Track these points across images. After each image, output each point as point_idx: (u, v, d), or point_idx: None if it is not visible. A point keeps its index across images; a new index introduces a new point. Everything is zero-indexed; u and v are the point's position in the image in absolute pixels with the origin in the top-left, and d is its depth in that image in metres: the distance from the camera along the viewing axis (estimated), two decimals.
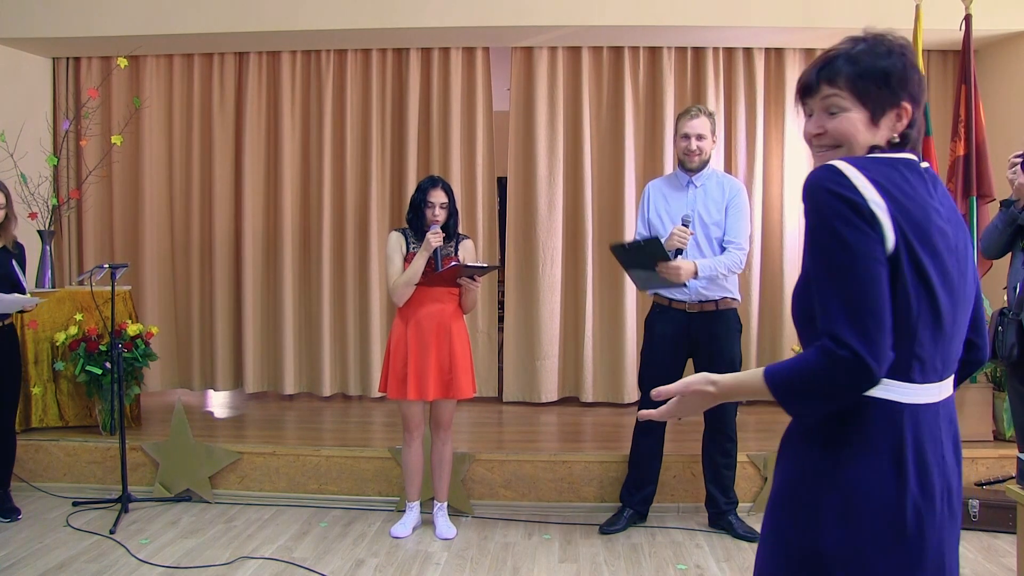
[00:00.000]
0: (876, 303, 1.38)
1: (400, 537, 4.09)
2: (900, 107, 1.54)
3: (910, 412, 1.45)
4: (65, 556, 3.84)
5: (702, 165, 4.04)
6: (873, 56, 1.59)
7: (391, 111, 6.04)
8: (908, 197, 1.46)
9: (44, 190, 5.51)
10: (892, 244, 1.42)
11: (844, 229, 1.42)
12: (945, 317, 1.47)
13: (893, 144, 1.55)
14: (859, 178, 1.44)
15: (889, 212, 1.42)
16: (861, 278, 1.39)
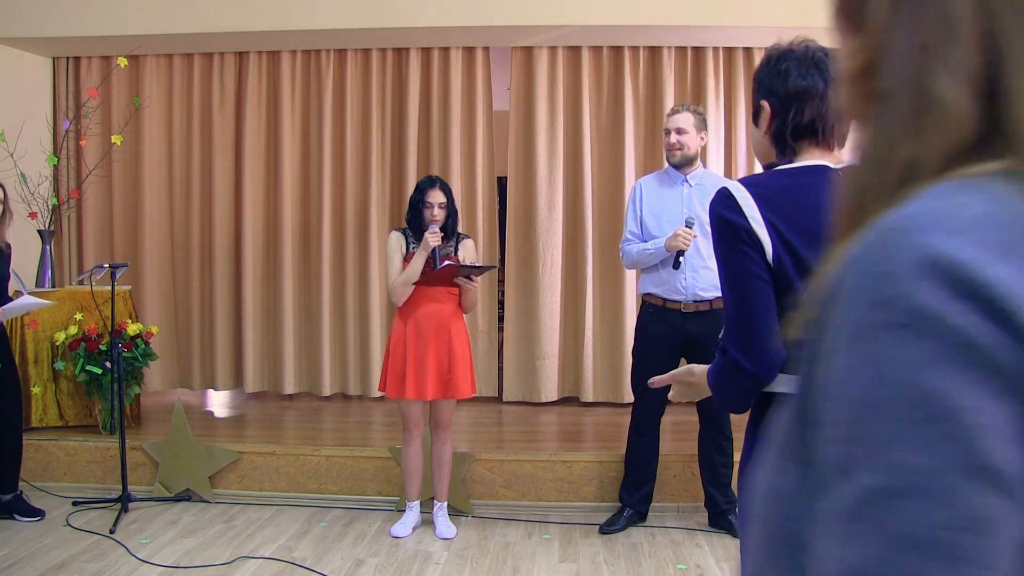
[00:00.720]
0: (747, 310, 1.58)
1: (400, 537, 4.09)
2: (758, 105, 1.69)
3: None
4: (65, 556, 3.84)
5: (685, 160, 4.02)
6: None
7: (391, 111, 6.04)
8: (798, 206, 1.56)
9: (44, 190, 5.51)
10: (772, 255, 1.56)
11: (726, 251, 1.59)
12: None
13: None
14: (745, 197, 1.58)
15: (767, 226, 1.55)
16: (739, 294, 1.59)
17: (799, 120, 1.63)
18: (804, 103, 1.62)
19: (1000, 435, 0.46)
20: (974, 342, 0.47)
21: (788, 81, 1.63)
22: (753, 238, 1.56)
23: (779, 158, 1.69)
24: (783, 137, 1.65)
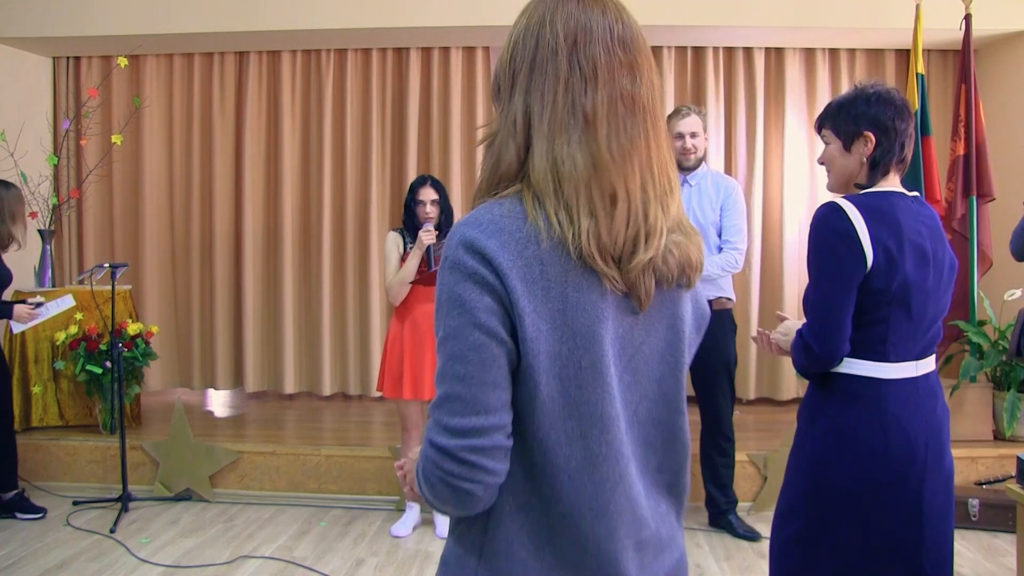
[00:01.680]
0: (832, 307, 1.96)
1: (400, 536, 4.09)
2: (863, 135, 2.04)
3: (888, 383, 1.99)
4: (65, 555, 3.84)
5: (697, 163, 4.04)
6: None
7: (391, 110, 6.04)
8: (890, 222, 1.95)
9: (44, 189, 5.51)
10: (872, 261, 1.93)
11: (831, 257, 1.97)
12: (916, 313, 1.99)
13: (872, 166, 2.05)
14: (853, 211, 1.95)
15: (871, 236, 1.92)
16: (828, 292, 1.97)
17: (898, 154, 2.03)
18: (904, 139, 2.03)
19: (485, 310, 1.01)
20: (474, 271, 1.02)
21: (894, 120, 2.00)
22: (856, 246, 1.92)
23: (868, 181, 2.05)
24: (882, 165, 2.03)
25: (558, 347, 1.03)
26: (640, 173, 1.08)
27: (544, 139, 1.06)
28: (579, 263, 1.04)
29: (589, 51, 1.09)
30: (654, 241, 1.07)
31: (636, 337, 1.10)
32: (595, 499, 1.06)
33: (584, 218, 1.03)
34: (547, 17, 1.11)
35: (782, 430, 4.74)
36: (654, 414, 1.14)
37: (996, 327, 4.80)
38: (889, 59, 5.90)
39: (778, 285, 5.87)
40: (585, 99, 1.07)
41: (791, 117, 5.86)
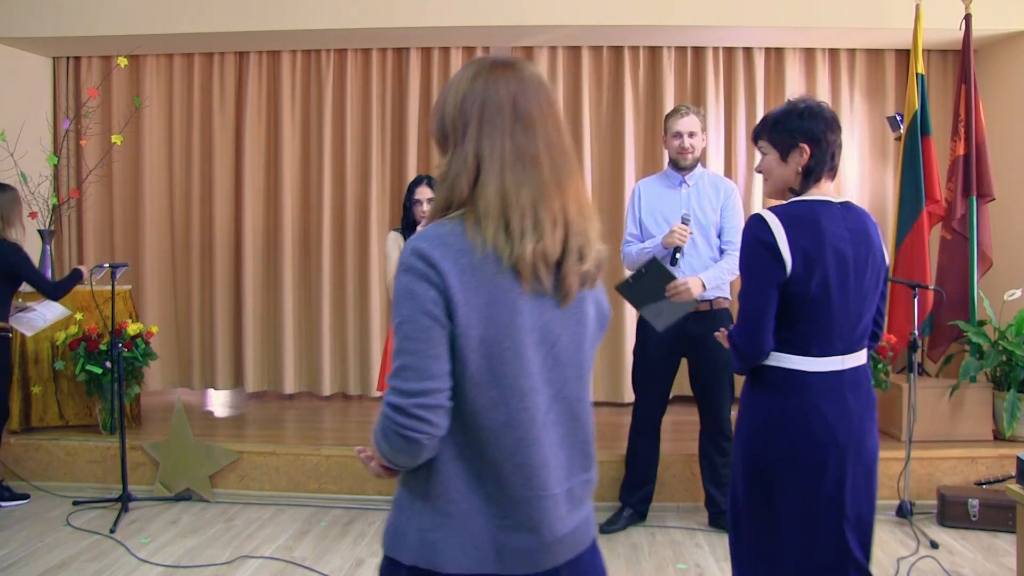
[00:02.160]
0: (757, 310, 2.17)
1: None
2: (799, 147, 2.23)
3: (812, 375, 2.18)
4: (65, 555, 3.84)
5: (694, 163, 4.04)
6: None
7: (391, 110, 6.04)
8: (811, 229, 2.15)
9: (44, 189, 5.51)
10: (791, 266, 2.13)
11: (754, 264, 2.18)
12: (837, 312, 2.18)
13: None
14: (775, 222, 2.16)
15: (790, 244, 2.13)
16: (751, 295, 2.18)
17: (829, 162, 2.23)
18: (835, 150, 2.22)
19: (431, 301, 1.29)
20: (423, 273, 1.30)
21: (826, 133, 2.20)
22: (776, 255, 2.13)
23: (801, 188, 2.24)
24: (815, 173, 2.22)
25: (484, 332, 1.32)
26: (573, 205, 1.40)
27: (495, 176, 1.36)
28: (507, 269, 1.34)
29: (526, 108, 1.39)
30: (589, 253, 1.42)
31: (556, 329, 1.40)
32: (514, 454, 1.36)
33: (529, 237, 1.34)
34: (490, 82, 1.40)
35: None
36: (576, 392, 1.45)
37: (996, 327, 4.81)
38: (889, 59, 5.90)
39: None
40: (527, 144, 1.38)
41: None
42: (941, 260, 5.03)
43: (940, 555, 3.88)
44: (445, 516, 1.36)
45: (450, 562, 1.35)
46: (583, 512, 1.48)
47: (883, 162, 5.91)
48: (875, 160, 5.93)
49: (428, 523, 1.37)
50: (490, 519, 1.37)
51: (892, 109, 5.75)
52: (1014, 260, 5.28)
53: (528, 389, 1.36)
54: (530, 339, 1.36)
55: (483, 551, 1.36)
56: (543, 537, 1.39)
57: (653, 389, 4.12)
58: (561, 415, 1.42)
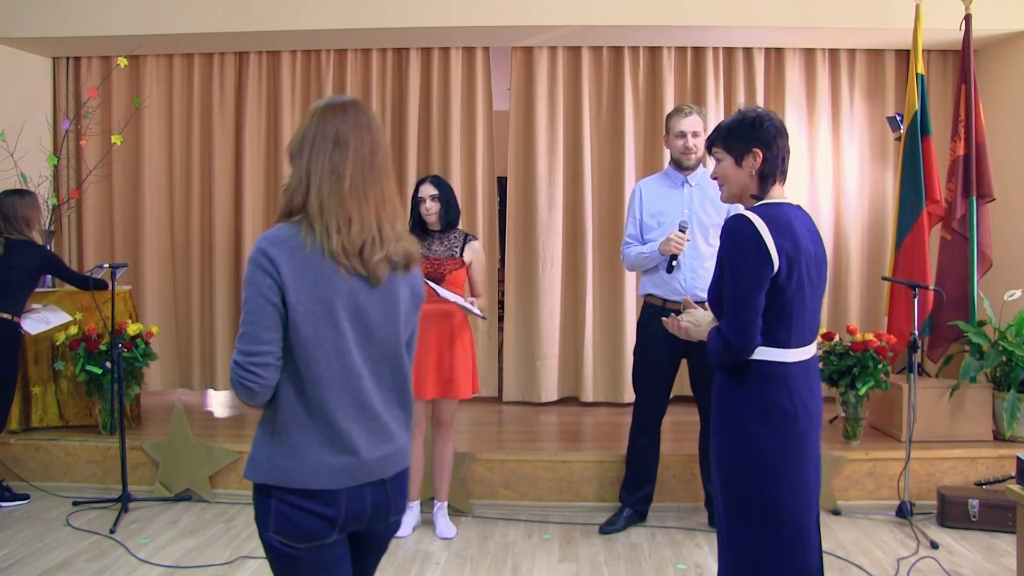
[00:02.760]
0: (748, 307, 2.28)
1: (400, 536, 4.09)
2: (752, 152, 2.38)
3: (792, 365, 2.35)
4: (65, 556, 3.84)
5: (697, 163, 4.04)
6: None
7: (391, 111, 6.04)
8: (787, 230, 2.30)
9: (44, 190, 5.52)
10: (777, 266, 2.26)
11: (745, 263, 2.28)
12: (809, 306, 2.36)
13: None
14: (759, 223, 2.27)
15: (776, 244, 2.26)
16: (743, 294, 2.29)
17: (781, 166, 2.39)
18: (784, 154, 2.39)
19: (267, 287, 1.74)
20: (262, 265, 1.74)
21: (778, 136, 2.37)
22: (765, 254, 2.25)
23: (759, 192, 2.38)
24: (770, 177, 2.37)
25: (310, 307, 1.77)
26: (374, 206, 1.83)
27: (316, 189, 1.80)
28: (328, 259, 1.78)
29: (344, 136, 1.84)
30: (387, 245, 1.83)
31: (368, 305, 1.84)
32: (336, 397, 1.81)
33: (334, 232, 1.78)
34: (322, 118, 1.86)
35: None
36: (386, 355, 1.90)
37: (996, 327, 4.81)
38: (889, 59, 5.90)
39: None
40: (340, 164, 1.82)
41: (791, 117, 5.85)
42: (941, 260, 5.03)
43: (940, 555, 3.88)
44: (288, 446, 1.80)
45: (294, 479, 1.80)
46: (399, 442, 1.94)
47: (883, 162, 5.91)
48: (875, 160, 5.93)
49: (275, 452, 1.81)
50: (321, 446, 1.81)
51: (892, 109, 5.75)
52: (1014, 260, 5.28)
53: (345, 350, 1.81)
54: (345, 312, 1.81)
55: (317, 470, 1.80)
56: (361, 458, 1.84)
57: (654, 389, 4.12)
58: (375, 369, 1.88)
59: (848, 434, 4.69)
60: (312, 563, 1.82)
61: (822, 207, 5.89)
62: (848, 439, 4.69)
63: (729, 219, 2.32)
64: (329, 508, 1.81)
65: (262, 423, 1.85)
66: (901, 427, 4.67)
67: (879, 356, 4.56)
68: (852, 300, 5.89)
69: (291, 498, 1.79)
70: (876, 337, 4.61)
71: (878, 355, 4.56)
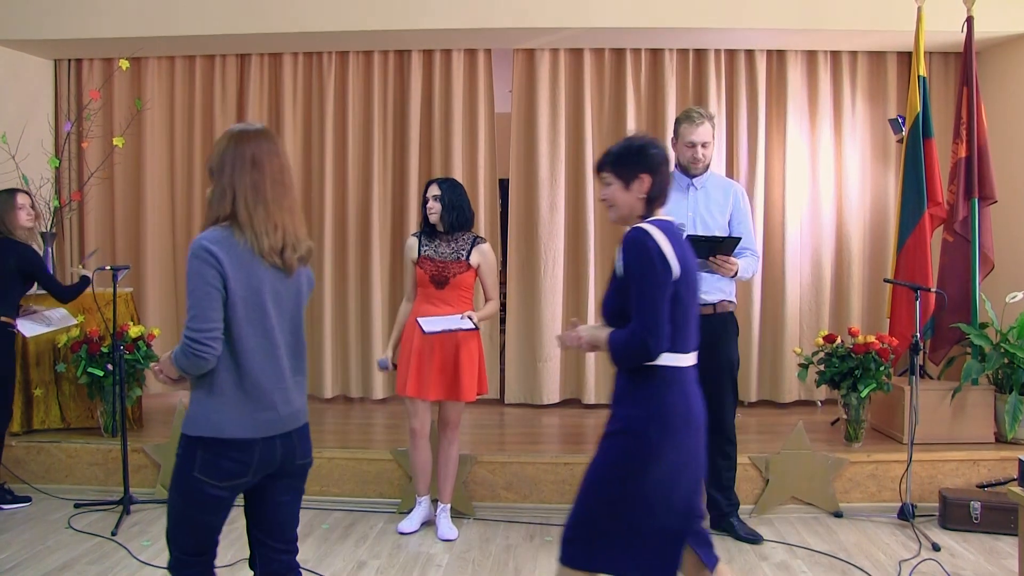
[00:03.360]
0: (660, 311, 2.40)
1: (408, 532, 4.15)
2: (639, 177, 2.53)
3: (685, 369, 2.52)
4: (67, 558, 3.84)
5: (704, 170, 4.05)
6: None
7: (393, 113, 6.05)
8: (679, 243, 2.47)
9: (46, 192, 5.52)
10: (676, 273, 2.42)
11: (652, 270, 2.42)
12: (693, 313, 2.53)
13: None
14: (660, 235, 2.43)
15: (676, 255, 2.42)
16: (655, 300, 2.41)
17: (665, 189, 2.56)
18: (666, 180, 2.56)
19: (211, 276, 2.18)
20: (205, 259, 2.18)
21: (663, 163, 2.54)
22: (666, 262, 2.41)
23: (646, 213, 2.54)
24: (656, 200, 2.54)
25: (243, 295, 2.22)
26: (288, 215, 2.29)
27: (242, 202, 2.23)
28: (257, 256, 2.23)
29: (259, 159, 2.27)
30: (301, 246, 2.32)
31: (283, 291, 2.32)
32: (263, 365, 2.27)
33: (263, 236, 2.23)
34: (241, 142, 2.27)
35: (784, 432, 4.74)
36: (294, 330, 2.37)
37: (998, 330, 4.80)
38: (891, 61, 5.90)
39: (779, 287, 5.86)
40: (259, 181, 2.25)
41: (793, 120, 5.86)
42: (943, 262, 5.02)
43: (942, 557, 3.88)
44: (223, 405, 2.23)
45: (227, 430, 2.23)
46: (301, 400, 2.42)
47: (885, 164, 5.91)
48: (877, 162, 5.93)
49: (212, 408, 2.24)
50: (248, 402, 2.25)
51: (894, 111, 5.75)
52: (1016, 262, 5.28)
53: (269, 327, 2.28)
54: (270, 297, 2.27)
55: (246, 423, 2.25)
56: (280, 412, 2.31)
57: None
58: (288, 342, 2.34)
59: (850, 436, 4.69)
60: (216, 498, 2.28)
61: (824, 209, 5.89)
62: (850, 441, 4.69)
63: (630, 231, 2.47)
64: (247, 455, 2.25)
65: (199, 388, 2.25)
66: (903, 429, 4.67)
67: (881, 358, 4.56)
68: (854, 302, 5.89)
69: (217, 447, 2.23)
70: (878, 339, 4.61)
71: (880, 357, 4.56)
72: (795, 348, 5.32)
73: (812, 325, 5.86)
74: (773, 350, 5.91)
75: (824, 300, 5.91)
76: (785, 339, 5.84)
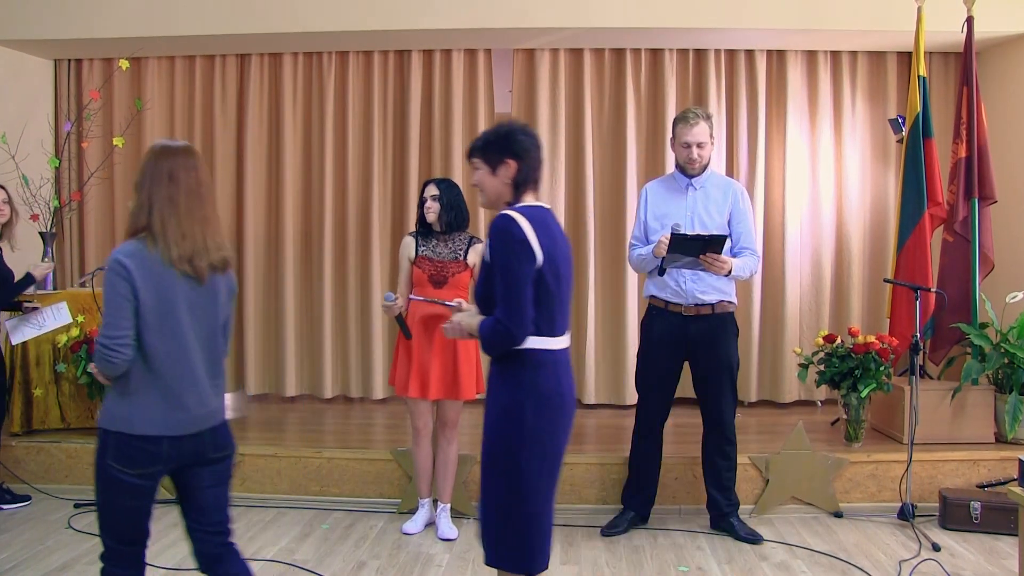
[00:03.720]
0: (522, 297, 2.45)
1: (411, 533, 4.16)
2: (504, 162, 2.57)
3: (556, 352, 2.57)
4: (67, 558, 3.84)
5: (703, 169, 4.05)
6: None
7: (393, 113, 6.04)
8: (546, 229, 2.52)
9: (46, 192, 5.51)
10: (540, 260, 2.47)
11: (514, 257, 2.45)
12: (564, 298, 2.59)
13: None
14: (524, 222, 2.47)
15: (540, 242, 2.48)
16: (517, 286, 2.45)
17: (533, 175, 2.60)
18: (536, 164, 2.60)
19: (123, 289, 2.33)
20: (119, 271, 2.33)
21: (532, 148, 2.59)
22: (529, 249, 2.46)
23: (514, 199, 2.58)
24: (523, 185, 2.58)
25: (154, 303, 2.35)
26: (199, 225, 2.44)
27: (157, 213, 2.38)
28: (168, 265, 2.36)
29: (175, 173, 2.42)
30: (210, 254, 2.44)
31: (198, 299, 2.44)
32: (173, 367, 2.41)
33: (173, 246, 2.37)
34: (161, 159, 2.44)
35: (784, 432, 4.74)
36: (209, 335, 2.49)
37: (998, 330, 4.80)
38: (891, 61, 5.90)
39: (779, 287, 5.86)
40: (173, 194, 2.40)
41: (793, 120, 5.86)
42: (943, 262, 5.02)
43: (942, 557, 3.88)
44: (136, 404, 2.39)
45: (136, 426, 2.38)
46: (216, 402, 2.54)
47: (885, 164, 5.91)
48: (877, 162, 5.93)
49: (123, 405, 2.39)
50: (161, 402, 2.40)
51: (894, 111, 5.75)
52: (1016, 262, 5.28)
53: (180, 333, 2.41)
54: (182, 305, 2.40)
55: (156, 421, 2.40)
56: (192, 413, 2.45)
57: (656, 391, 4.12)
58: (203, 347, 2.47)
59: (850, 436, 4.69)
60: (134, 486, 2.42)
61: (824, 209, 5.89)
62: (850, 441, 4.69)
63: (496, 218, 2.50)
64: (156, 448, 2.41)
65: (114, 387, 2.42)
66: (903, 429, 4.67)
67: (881, 358, 4.56)
68: (854, 302, 5.89)
69: (128, 440, 2.39)
70: (878, 339, 4.61)
71: (880, 357, 4.56)
72: (795, 348, 5.32)
73: (812, 325, 5.86)
74: (773, 350, 5.91)
75: (824, 300, 5.91)
76: (785, 339, 5.84)
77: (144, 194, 2.40)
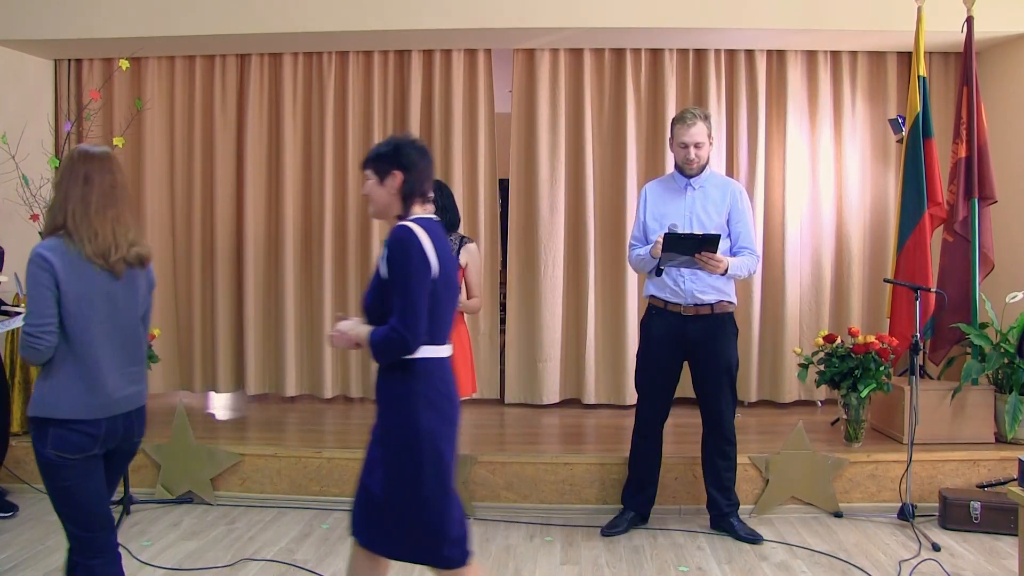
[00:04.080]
0: (419, 308, 2.50)
1: None
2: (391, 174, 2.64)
3: (443, 360, 2.65)
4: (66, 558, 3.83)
5: (701, 170, 4.04)
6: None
7: (393, 113, 6.04)
8: (439, 241, 2.59)
9: (46, 192, 5.51)
10: (435, 271, 2.53)
11: (414, 269, 2.50)
12: (450, 307, 2.66)
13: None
14: (422, 233, 2.53)
15: (436, 251, 2.54)
16: (415, 296, 2.50)
17: (420, 187, 2.65)
18: (424, 177, 2.66)
19: (46, 281, 2.51)
20: (41, 265, 2.50)
21: (419, 161, 2.64)
22: (427, 260, 2.52)
23: (403, 211, 2.64)
24: (411, 197, 2.64)
25: (75, 293, 2.51)
26: (111, 224, 2.59)
27: (71, 212, 2.54)
28: (86, 260, 2.53)
29: (89, 175, 2.59)
30: (121, 250, 2.59)
31: (116, 291, 2.61)
32: (96, 355, 2.56)
33: (87, 242, 2.53)
34: (75, 163, 2.61)
35: (784, 432, 4.74)
36: (128, 325, 2.66)
37: (998, 330, 4.80)
38: (891, 61, 5.90)
39: (779, 287, 5.86)
40: (87, 195, 2.57)
41: (792, 120, 5.86)
42: (943, 263, 5.02)
43: (942, 557, 3.88)
44: (61, 389, 2.53)
45: (61, 412, 2.52)
46: (136, 387, 2.70)
47: (885, 165, 5.91)
48: (877, 163, 5.93)
49: (49, 392, 2.53)
50: (81, 388, 2.54)
51: (894, 111, 5.75)
52: (1016, 262, 5.28)
53: (98, 321, 2.56)
54: (99, 296, 2.56)
55: (79, 404, 2.54)
56: (112, 396, 2.60)
57: (656, 391, 4.13)
58: (120, 336, 2.63)
59: (850, 436, 4.69)
60: (77, 468, 2.55)
61: (824, 209, 5.89)
62: (850, 441, 4.69)
63: (394, 229, 2.55)
64: (93, 430, 2.56)
65: (41, 375, 2.56)
66: (903, 429, 4.67)
67: (881, 358, 4.56)
68: (854, 302, 5.89)
69: (57, 424, 2.52)
70: (878, 339, 4.61)
71: (880, 357, 4.56)
72: (795, 348, 5.32)
73: (812, 325, 5.86)
74: (773, 350, 5.91)
75: (824, 300, 5.91)
76: (785, 339, 5.84)
77: (61, 194, 2.58)
